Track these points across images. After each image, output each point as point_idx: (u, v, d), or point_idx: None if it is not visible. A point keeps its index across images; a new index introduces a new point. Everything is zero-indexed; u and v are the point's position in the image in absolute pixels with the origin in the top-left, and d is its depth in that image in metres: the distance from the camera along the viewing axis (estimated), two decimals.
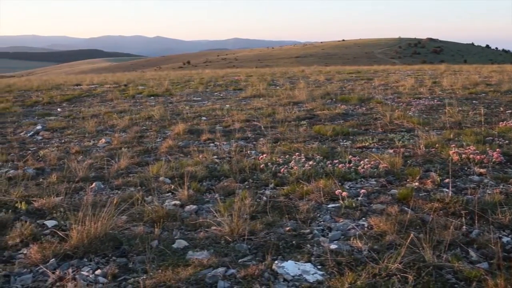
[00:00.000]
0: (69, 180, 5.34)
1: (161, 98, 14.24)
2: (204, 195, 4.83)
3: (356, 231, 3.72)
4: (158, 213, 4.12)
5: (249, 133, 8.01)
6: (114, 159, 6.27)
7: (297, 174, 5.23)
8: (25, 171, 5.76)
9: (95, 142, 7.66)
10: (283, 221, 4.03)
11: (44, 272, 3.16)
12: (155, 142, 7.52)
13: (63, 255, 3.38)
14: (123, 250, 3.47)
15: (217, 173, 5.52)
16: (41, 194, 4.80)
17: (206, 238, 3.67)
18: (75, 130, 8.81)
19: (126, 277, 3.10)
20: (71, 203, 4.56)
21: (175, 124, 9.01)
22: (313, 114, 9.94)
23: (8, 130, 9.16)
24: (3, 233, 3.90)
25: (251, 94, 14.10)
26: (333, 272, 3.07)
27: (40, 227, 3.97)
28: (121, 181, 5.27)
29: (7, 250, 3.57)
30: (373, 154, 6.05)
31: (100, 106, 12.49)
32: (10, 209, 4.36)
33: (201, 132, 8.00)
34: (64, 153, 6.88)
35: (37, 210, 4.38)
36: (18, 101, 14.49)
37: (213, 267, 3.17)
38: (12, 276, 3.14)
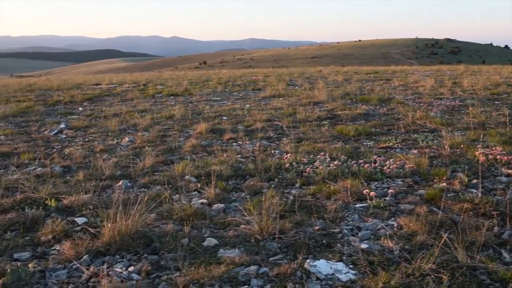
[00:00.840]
0: (96, 178, 5.39)
1: (181, 98, 14.31)
2: (231, 194, 4.84)
3: (386, 231, 3.70)
4: (187, 211, 4.14)
5: (271, 132, 8.02)
6: (138, 157, 6.31)
7: (323, 173, 5.22)
8: (52, 169, 5.83)
9: (118, 141, 7.72)
10: (311, 220, 4.02)
11: (78, 268, 3.20)
12: (178, 141, 7.55)
13: (95, 251, 3.41)
14: (154, 248, 3.49)
15: (242, 172, 5.53)
16: (69, 191, 4.85)
17: (235, 236, 3.68)
18: (98, 129, 8.89)
19: (159, 274, 3.12)
20: (99, 200, 4.60)
21: (196, 123, 9.05)
22: (334, 114, 9.91)
23: (32, 129, 9.28)
24: (35, 229, 3.95)
25: (270, 94, 14.11)
26: (365, 272, 3.06)
27: (70, 224, 4.00)
28: (148, 179, 5.31)
29: (40, 246, 3.62)
30: (398, 154, 6.02)
31: (121, 106, 12.58)
32: (40, 206, 4.40)
33: (224, 132, 8.02)
34: (89, 152, 6.94)
35: (67, 207, 4.42)
36: (40, 100, 14.65)
37: (245, 265, 3.17)
38: (47, 271, 3.18)
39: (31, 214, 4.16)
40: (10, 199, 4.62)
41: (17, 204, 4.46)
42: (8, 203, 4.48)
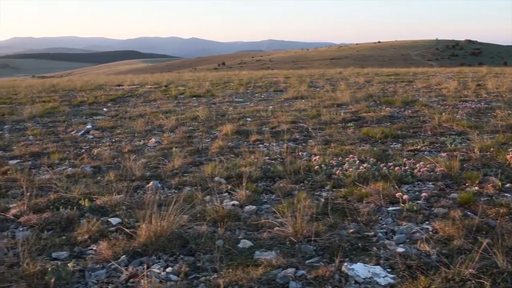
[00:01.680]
0: (127, 179, 5.43)
1: (203, 99, 14.37)
2: (261, 196, 4.84)
3: (421, 235, 3.67)
4: (219, 213, 4.15)
5: (297, 134, 8.00)
6: (167, 158, 6.35)
7: (353, 176, 5.20)
8: (83, 169, 5.89)
9: (145, 141, 7.77)
10: (344, 223, 4.01)
11: (116, 268, 3.23)
12: (204, 142, 7.58)
13: (132, 252, 3.44)
14: (189, 249, 3.51)
15: (271, 174, 5.53)
16: (101, 192, 4.90)
17: (270, 238, 3.68)
18: (124, 130, 8.96)
19: (196, 275, 3.13)
20: (131, 201, 4.64)
21: (221, 124, 9.08)
22: (359, 116, 9.87)
23: (59, 129, 9.39)
24: (70, 229, 4.00)
25: (292, 96, 14.10)
26: (404, 276, 3.04)
27: (105, 225, 4.04)
28: (178, 180, 5.34)
29: (77, 245, 3.66)
30: (427, 157, 5.97)
31: (145, 106, 12.67)
32: (74, 206, 4.45)
33: (249, 133, 8.03)
34: (117, 152, 7.00)
35: (100, 208, 4.46)
36: (64, 101, 14.83)
37: (282, 267, 3.17)
38: (86, 271, 3.21)
39: (66, 213, 4.21)
40: (44, 198, 4.68)
41: (52, 204, 4.52)
42: (43, 203, 4.53)
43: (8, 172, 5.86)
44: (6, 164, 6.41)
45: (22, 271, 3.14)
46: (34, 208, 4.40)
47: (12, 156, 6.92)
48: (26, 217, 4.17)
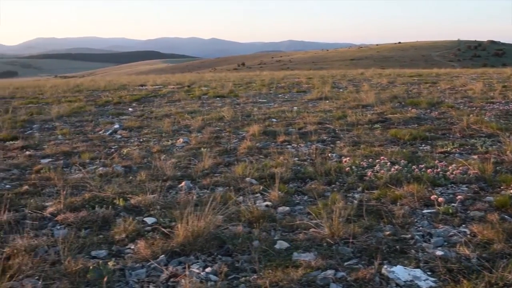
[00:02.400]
0: (158, 179, 5.47)
1: (227, 99, 14.40)
2: (293, 197, 4.84)
3: (459, 238, 3.63)
4: (254, 213, 4.16)
5: (324, 135, 7.98)
6: (196, 159, 6.39)
7: (385, 178, 5.16)
8: (114, 169, 5.95)
9: (173, 141, 7.81)
10: (380, 225, 3.98)
11: (156, 268, 3.25)
12: (232, 142, 7.60)
13: (170, 251, 3.46)
14: (227, 249, 3.52)
15: (302, 175, 5.53)
16: (134, 191, 4.94)
17: (306, 240, 3.68)
18: (151, 130, 9.02)
19: (236, 275, 3.14)
20: (165, 201, 4.67)
21: (247, 125, 9.10)
22: (385, 117, 9.80)
23: (87, 129, 9.50)
24: (106, 228, 4.04)
25: (316, 97, 14.07)
26: (446, 279, 3.01)
27: (142, 224, 4.07)
28: (209, 180, 5.36)
29: (114, 244, 3.70)
30: (459, 159, 5.91)
31: (170, 107, 12.75)
32: (109, 205, 4.49)
33: (277, 134, 8.02)
34: (146, 152, 7.05)
35: (134, 207, 4.50)
36: (90, 101, 15.00)
37: (321, 269, 3.16)
38: (126, 270, 3.24)
39: (102, 213, 4.26)
40: (79, 197, 4.74)
41: (87, 203, 4.57)
42: (78, 202, 4.59)
43: (42, 171, 5.94)
44: (39, 163, 6.51)
45: (64, 269, 3.18)
46: (70, 207, 4.46)
47: (43, 155, 7.01)
48: (63, 216, 4.23)
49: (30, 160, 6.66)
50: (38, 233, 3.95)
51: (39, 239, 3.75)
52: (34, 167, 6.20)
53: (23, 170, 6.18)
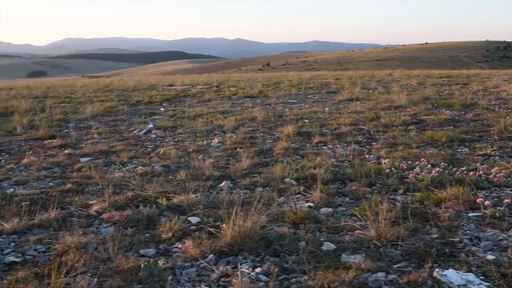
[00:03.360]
0: (197, 178, 5.51)
1: (257, 100, 14.42)
2: (334, 198, 4.82)
3: (510, 243, 3.57)
4: (297, 214, 4.16)
5: (359, 137, 7.93)
6: (233, 159, 6.41)
7: (426, 180, 5.11)
8: (153, 168, 6.01)
9: (208, 141, 7.85)
10: (426, 228, 3.94)
11: (205, 267, 3.28)
12: (267, 143, 7.61)
13: (219, 251, 3.48)
14: (274, 250, 3.53)
15: (341, 177, 5.50)
16: (176, 190, 4.98)
17: (353, 241, 3.66)
18: (185, 130, 9.08)
19: (286, 276, 3.15)
20: (207, 200, 4.70)
21: (280, 126, 9.10)
22: (419, 119, 9.69)
23: (121, 128, 9.61)
24: (151, 227, 4.08)
25: (347, 97, 13.98)
26: (500, 285, 2.96)
27: (187, 223, 4.10)
28: (249, 181, 5.37)
29: (161, 243, 3.73)
30: (501, 162, 5.82)
31: (201, 107, 12.83)
32: (152, 204, 4.54)
33: (311, 135, 8.01)
34: (182, 152, 7.10)
35: (177, 206, 4.54)
36: (121, 100, 15.16)
37: (371, 271, 3.15)
38: (177, 269, 3.27)
39: (146, 211, 4.30)
40: (122, 196, 4.79)
41: (130, 201, 4.63)
42: (122, 200, 4.65)
43: (82, 169, 6.03)
44: (78, 161, 6.61)
45: (116, 267, 3.23)
46: (114, 205, 4.52)
47: (82, 154, 7.11)
48: (109, 214, 4.29)
49: (70, 159, 6.77)
50: (85, 230, 4.01)
51: (88, 237, 3.81)
52: (75, 166, 6.30)
53: (64, 168, 6.29)
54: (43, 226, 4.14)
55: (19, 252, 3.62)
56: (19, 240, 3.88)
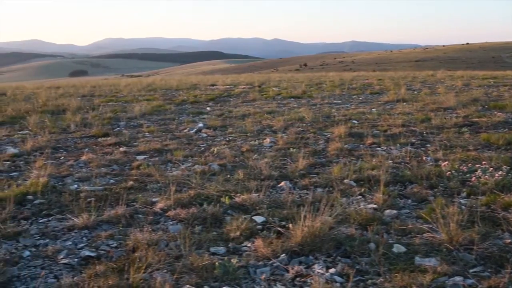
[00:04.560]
0: (255, 178, 5.53)
1: (302, 100, 14.40)
2: (397, 200, 4.77)
3: None
4: (363, 216, 4.13)
5: (412, 138, 7.81)
6: (287, 158, 6.42)
7: (490, 184, 5.00)
8: (211, 167, 6.06)
9: (260, 141, 7.88)
10: (497, 232, 3.86)
11: (278, 267, 3.29)
12: (319, 143, 7.59)
13: (290, 251, 3.49)
14: (344, 251, 3.52)
15: (400, 178, 5.44)
16: (236, 189, 5.01)
17: (423, 244, 3.62)
18: (235, 129, 9.13)
19: (360, 278, 3.13)
20: (270, 200, 4.71)
21: (330, 126, 9.07)
22: (471, 121, 9.50)
23: (171, 127, 9.73)
24: (217, 225, 4.12)
25: (393, 99, 13.80)
26: None
27: (254, 222, 4.12)
28: (308, 181, 5.37)
29: (230, 242, 3.77)
30: None
31: (246, 106, 12.88)
32: (215, 202, 4.58)
33: (363, 136, 7.95)
34: (236, 151, 7.14)
35: (240, 205, 4.57)
36: (166, 99, 15.36)
37: (448, 275, 3.10)
38: (250, 267, 3.30)
39: (211, 210, 4.35)
40: (184, 194, 4.85)
41: (193, 200, 4.69)
42: (185, 198, 4.71)
43: (141, 167, 6.14)
44: (135, 159, 6.73)
45: (190, 264, 3.27)
46: (178, 203, 4.58)
47: (137, 151, 7.24)
48: (174, 212, 4.35)
49: (126, 157, 6.90)
50: (153, 227, 4.08)
51: (157, 234, 3.88)
52: (133, 163, 6.42)
53: (122, 165, 6.41)
54: (112, 222, 4.23)
55: (92, 247, 3.72)
56: (90, 235, 3.99)
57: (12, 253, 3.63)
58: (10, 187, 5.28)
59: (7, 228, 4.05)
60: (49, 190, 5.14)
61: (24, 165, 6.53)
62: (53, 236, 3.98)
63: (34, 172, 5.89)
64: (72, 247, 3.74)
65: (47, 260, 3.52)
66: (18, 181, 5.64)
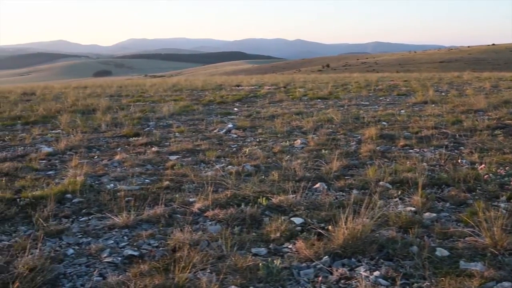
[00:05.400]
0: (289, 179, 5.53)
1: (329, 101, 14.35)
2: (435, 203, 4.71)
3: None
4: (401, 218, 4.10)
5: (444, 140, 7.72)
6: (320, 160, 6.40)
7: None
8: (244, 167, 6.08)
9: (290, 142, 7.87)
10: None
11: (321, 268, 3.28)
12: (350, 145, 7.55)
13: (332, 253, 3.48)
14: (387, 253, 3.49)
15: (436, 181, 5.38)
16: (272, 190, 5.01)
17: (466, 248, 3.57)
18: (265, 130, 9.14)
19: (406, 281, 3.11)
20: (307, 201, 4.70)
21: (360, 128, 9.03)
22: (504, 123, 9.36)
23: (200, 127, 9.78)
24: (255, 226, 4.13)
25: (421, 100, 13.67)
26: None
27: (293, 224, 4.12)
28: (343, 183, 5.34)
29: (270, 243, 3.77)
30: None
31: (274, 107, 12.89)
32: (252, 203, 4.59)
33: (394, 138, 7.89)
34: (268, 152, 7.14)
35: (278, 206, 4.57)
36: (193, 100, 15.45)
37: (496, 280, 3.06)
38: (293, 269, 3.30)
39: (249, 211, 4.35)
40: (221, 194, 4.87)
41: (231, 200, 4.70)
42: (222, 199, 4.73)
43: (175, 167, 6.18)
44: (168, 159, 6.78)
45: (234, 264, 3.28)
46: (215, 204, 4.60)
47: (170, 151, 7.29)
48: (213, 212, 4.37)
49: (159, 156, 6.95)
50: (192, 227, 4.10)
51: (197, 234, 3.90)
52: (166, 163, 6.46)
53: (156, 165, 6.46)
54: (151, 222, 4.27)
55: (134, 246, 3.76)
56: (131, 234, 4.03)
57: (56, 251, 3.69)
58: (48, 186, 5.37)
59: (50, 226, 4.12)
60: (87, 189, 5.21)
61: (60, 164, 6.64)
62: (94, 234, 4.03)
63: (70, 171, 5.97)
64: (114, 245, 3.79)
65: (91, 258, 3.56)
66: (55, 180, 5.73)
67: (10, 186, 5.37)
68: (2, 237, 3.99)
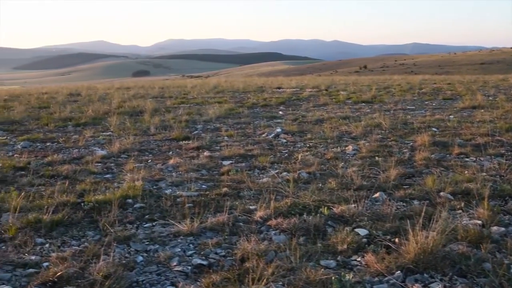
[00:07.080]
0: (347, 187, 5.48)
1: (374, 105, 14.19)
2: (500, 216, 4.59)
3: None
4: (470, 232, 4.01)
5: (501, 149, 7.52)
6: (375, 168, 6.33)
7: None
8: (300, 174, 6.06)
9: (341, 148, 7.81)
10: None
11: (395, 284, 3.24)
12: (403, 152, 7.44)
13: (404, 268, 3.43)
14: (459, 270, 3.42)
15: (499, 192, 5.25)
16: (331, 199, 4.98)
17: None
18: (314, 135, 9.09)
19: None
20: (370, 212, 4.64)
21: (410, 134, 8.91)
22: None
23: (248, 131, 9.81)
24: (320, 237, 4.10)
25: (469, 105, 13.38)
26: None
27: (357, 235, 4.08)
28: (403, 193, 5.26)
29: (338, 255, 3.74)
30: None
31: (319, 111, 12.82)
32: (315, 213, 4.56)
33: (448, 145, 7.75)
34: (320, 158, 7.10)
35: (340, 216, 4.53)
36: (237, 102, 15.51)
37: None
38: (366, 283, 3.27)
39: (312, 221, 4.33)
40: (281, 203, 4.86)
41: (291, 209, 4.69)
42: (283, 207, 4.71)
43: (230, 173, 6.20)
44: (221, 164, 6.81)
45: (306, 277, 3.27)
46: (276, 212, 4.59)
47: (222, 156, 7.32)
48: (276, 221, 4.36)
49: (212, 161, 6.99)
50: (257, 237, 4.10)
51: (263, 244, 3.90)
52: (220, 169, 6.50)
53: (210, 171, 6.51)
54: (215, 230, 4.29)
55: (201, 255, 3.78)
56: (196, 242, 4.06)
57: (126, 257, 3.75)
58: (109, 190, 5.46)
59: (117, 232, 4.19)
60: (147, 194, 5.29)
61: (116, 167, 6.75)
62: (160, 241, 4.07)
63: (127, 175, 6.07)
64: (181, 253, 3.82)
65: (161, 266, 3.60)
66: (114, 184, 5.83)
67: (72, 189, 5.49)
68: (72, 242, 4.08)
